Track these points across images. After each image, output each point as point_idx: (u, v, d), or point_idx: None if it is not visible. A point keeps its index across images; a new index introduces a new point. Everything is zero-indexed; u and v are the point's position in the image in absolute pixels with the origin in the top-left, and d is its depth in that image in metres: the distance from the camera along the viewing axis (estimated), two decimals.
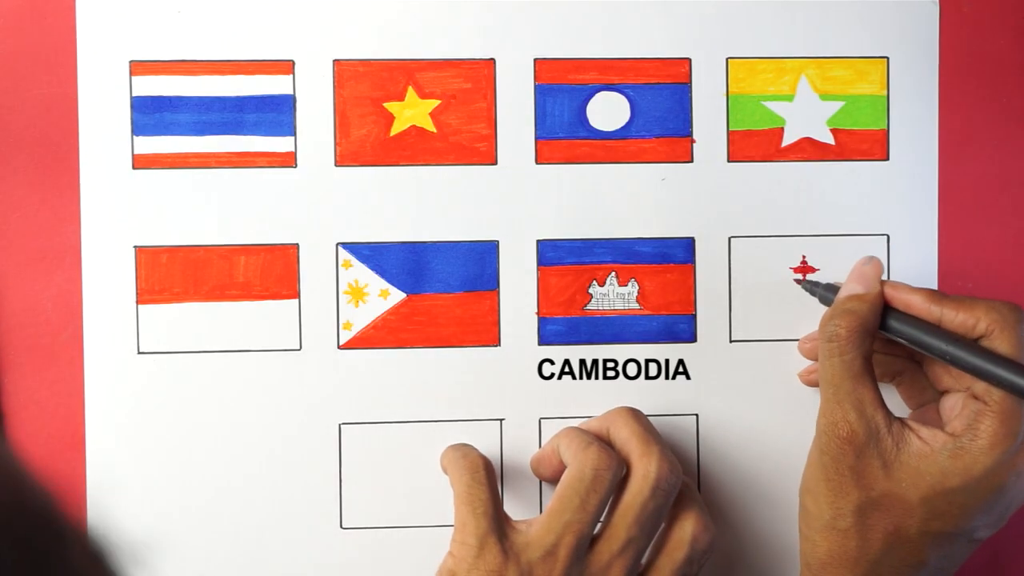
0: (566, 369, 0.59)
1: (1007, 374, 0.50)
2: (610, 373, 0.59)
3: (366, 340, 0.59)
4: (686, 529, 0.55)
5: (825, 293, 0.56)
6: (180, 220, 0.58)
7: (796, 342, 0.59)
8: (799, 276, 0.59)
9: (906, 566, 0.53)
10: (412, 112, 0.59)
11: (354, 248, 0.59)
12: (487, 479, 0.54)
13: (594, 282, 0.59)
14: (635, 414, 0.56)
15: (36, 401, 0.58)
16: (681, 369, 0.59)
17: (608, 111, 0.59)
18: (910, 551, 0.52)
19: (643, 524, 0.53)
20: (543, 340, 0.59)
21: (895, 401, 0.58)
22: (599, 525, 0.54)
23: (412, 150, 0.59)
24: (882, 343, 0.56)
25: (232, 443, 0.58)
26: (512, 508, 0.58)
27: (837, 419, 0.53)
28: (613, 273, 0.59)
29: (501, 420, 0.59)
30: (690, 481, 0.57)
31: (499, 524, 0.53)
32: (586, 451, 0.53)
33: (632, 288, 0.59)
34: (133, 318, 0.58)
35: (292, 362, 0.58)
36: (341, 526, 0.59)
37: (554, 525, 0.52)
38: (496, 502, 0.54)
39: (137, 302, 0.58)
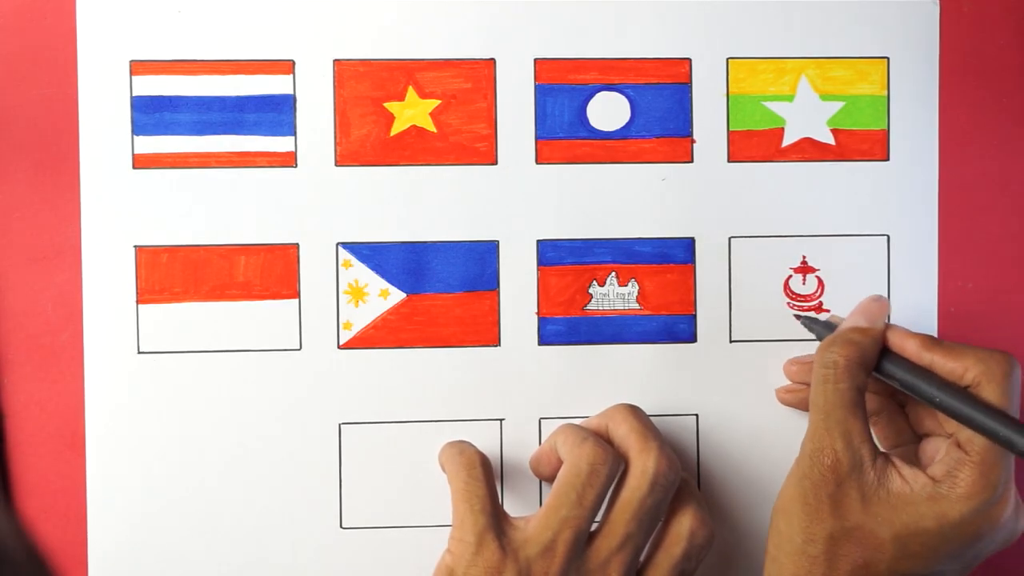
0: (566, 369, 0.60)
1: (992, 423, 0.52)
2: (610, 373, 0.60)
3: (366, 340, 0.60)
4: (684, 524, 0.56)
5: (823, 330, 0.58)
6: (180, 220, 0.59)
7: (796, 342, 0.60)
8: (798, 312, 0.60)
9: None
10: (412, 112, 0.60)
11: (354, 248, 0.60)
12: (484, 475, 0.55)
13: (594, 282, 0.60)
14: (634, 411, 0.57)
15: (36, 401, 0.59)
16: (681, 369, 0.60)
17: (608, 111, 0.60)
18: None
19: (641, 520, 0.54)
20: (543, 340, 0.60)
21: None
22: (597, 521, 0.55)
23: (412, 150, 0.60)
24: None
25: (232, 443, 0.59)
26: (512, 508, 0.59)
27: (824, 446, 0.54)
28: (613, 273, 0.60)
29: (501, 420, 0.60)
30: (689, 477, 0.59)
31: (497, 521, 0.54)
32: (582, 446, 0.54)
33: (632, 288, 0.60)
34: (133, 318, 0.59)
35: (292, 362, 0.60)
36: (341, 526, 0.60)
37: (551, 521, 0.53)
38: (494, 498, 0.55)
39: (137, 302, 0.59)
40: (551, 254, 0.60)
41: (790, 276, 0.61)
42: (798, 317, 0.60)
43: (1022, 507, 0.55)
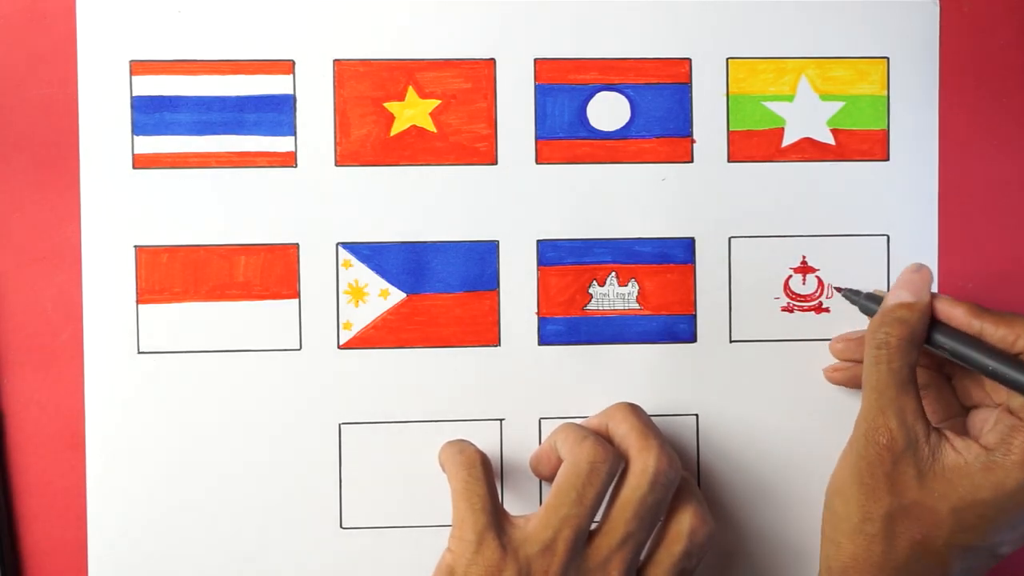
0: (566, 369, 0.61)
1: None
2: (610, 373, 0.61)
3: (366, 340, 0.60)
4: (684, 522, 0.56)
5: (867, 303, 0.58)
6: (180, 220, 0.60)
7: (796, 342, 0.61)
8: (839, 286, 0.61)
9: None
10: (412, 112, 0.60)
11: (354, 248, 0.60)
12: (484, 474, 0.56)
13: (594, 282, 0.61)
14: (634, 409, 0.58)
15: (36, 401, 0.59)
16: (681, 369, 0.61)
17: (608, 111, 0.61)
18: (934, 562, 0.54)
19: (642, 518, 0.55)
20: (543, 340, 0.61)
21: None
22: (598, 519, 0.56)
23: (412, 150, 0.60)
24: None
25: (232, 443, 0.60)
26: (512, 508, 0.60)
27: (878, 425, 0.54)
28: (613, 273, 0.61)
29: (501, 420, 0.61)
30: (689, 476, 0.59)
31: (497, 519, 0.55)
32: (581, 445, 0.55)
33: (632, 288, 0.61)
34: (133, 318, 0.60)
35: (292, 362, 0.60)
36: (341, 526, 0.60)
37: (551, 519, 0.54)
38: (494, 497, 0.55)
39: (137, 302, 0.60)
40: (551, 254, 0.61)
41: (790, 276, 0.61)
42: (839, 290, 0.60)
43: None
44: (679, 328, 0.61)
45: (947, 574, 0.54)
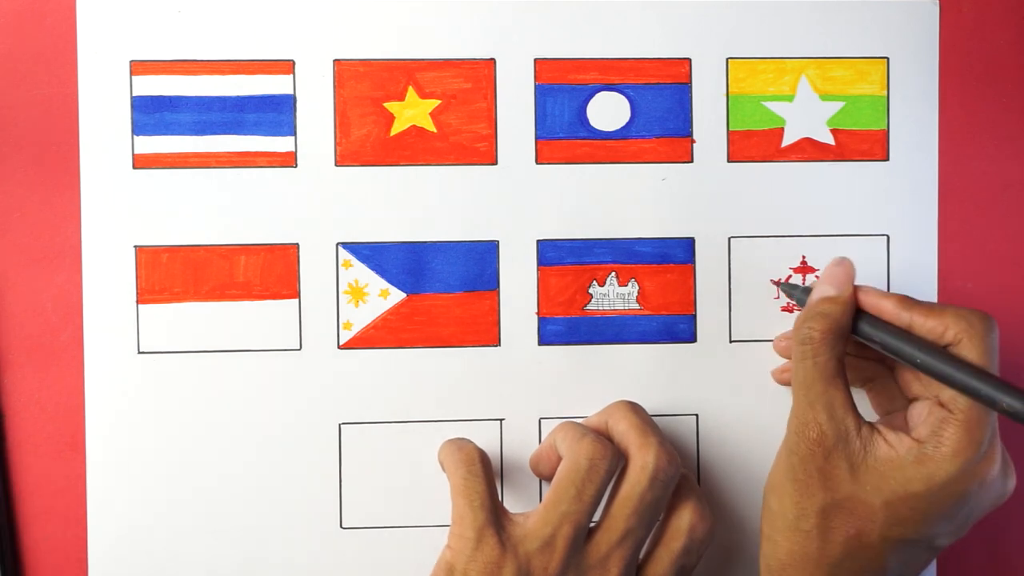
0: (566, 369, 0.61)
1: (974, 382, 0.52)
2: (610, 373, 0.61)
3: (366, 340, 0.61)
4: (684, 519, 0.57)
5: (803, 296, 0.59)
6: (180, 220, 0.60)
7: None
8: (779, 279, 0.61)
9: (866, 572, 0.55)
10: (412, 112, 0.60)
11: (354, 248, 0.61)
12: (483, 471, 0.56)
13: (594, 282, 0.61)
14: (633, 407, 0.58)
15: (36, 401, 0.60)
16: (681, 369, 0.61)
17: (608, 111, 0.61)
18: (870, 556, 0.54)
19: (641, 515, 0.55)
20: (543, 340, 0.61)
21: (865, 407, 0.60)
22: (598, 516, 0.56)
23: (412, 150, 0.61)
24: (856, 348, 0.59)
25: (232, 443, 0.60)
26: (513, 507, 0.60)
27: (808, 420, 0.55)
28: (613, 273, 0.61)
29: (501, 420, 0.61)
30: (689, 473, 0.59)
31: (496, 516, 0.55)
32: (581, 442, 0.55)
33: (632, 288, 0.61)
34: (133, 318, 0.60)
35: (292, 362, 0.60)
36: (341, 526, 0.61)
37: (551, 516, 0.54)
38: (493, 494, 0.56)
39: (137, 302, 0.60)
40: (551, 254, 0.61)
41: (790, 276, 0.62)
42: (777, 284, 0.61)
43: (1011, 466, 0.56)
44: (679, 328, 0.61)
45: (884, 568, 0.55)
